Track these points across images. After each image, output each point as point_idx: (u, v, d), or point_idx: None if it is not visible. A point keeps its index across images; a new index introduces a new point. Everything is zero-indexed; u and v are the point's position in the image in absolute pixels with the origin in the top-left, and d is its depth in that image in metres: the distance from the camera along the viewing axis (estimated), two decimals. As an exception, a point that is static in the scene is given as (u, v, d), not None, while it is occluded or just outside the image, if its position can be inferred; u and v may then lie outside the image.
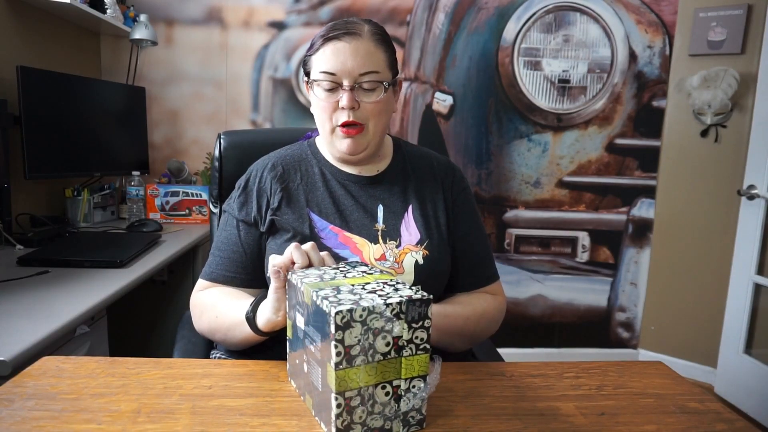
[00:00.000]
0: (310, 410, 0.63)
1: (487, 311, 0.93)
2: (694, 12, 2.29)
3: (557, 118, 2.44)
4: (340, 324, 0.54)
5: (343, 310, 0.54)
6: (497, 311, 0.95)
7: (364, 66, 0.85)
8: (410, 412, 0.59)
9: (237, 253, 0.91)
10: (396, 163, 0.98)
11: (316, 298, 0.58)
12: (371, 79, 0.86)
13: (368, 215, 0.92)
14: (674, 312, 2.48)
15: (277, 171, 0.94)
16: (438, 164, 1.00)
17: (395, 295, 0.59)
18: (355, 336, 0.55)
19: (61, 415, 0.60)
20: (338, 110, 0.87)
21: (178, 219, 2.11)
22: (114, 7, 2.05)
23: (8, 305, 1.07)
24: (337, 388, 0.55)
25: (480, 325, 0.91)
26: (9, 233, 1.59)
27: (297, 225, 0.89)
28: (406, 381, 0.59)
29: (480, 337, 0.94)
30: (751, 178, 2.17)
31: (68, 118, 1.87)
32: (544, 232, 2.51)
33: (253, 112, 2.37)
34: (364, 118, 0.87)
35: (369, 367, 0.56)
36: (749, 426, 0.63)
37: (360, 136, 0.88)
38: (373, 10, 2.34)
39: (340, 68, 0.85)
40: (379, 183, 0.95)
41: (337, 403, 0.55)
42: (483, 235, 1.00)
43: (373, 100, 0.87)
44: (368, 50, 0.86)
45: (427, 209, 0.94)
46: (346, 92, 0.85)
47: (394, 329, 0.57)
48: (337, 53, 0.85)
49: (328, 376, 0.56)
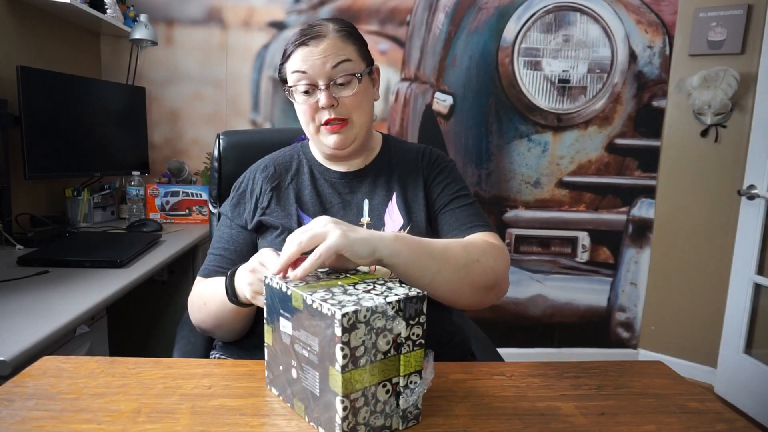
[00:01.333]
0: (301, 416, 0.62)
1: (474, 242, 0.84)
2: (694, 12, 2.29)
3: (557, 118, 2.44)
4: (346, 326, 0.53)
5: (349, 311, 0.53)
6: (488, 245, 0.84)
7: (334, 60, 0.87)
8: (408, 407, 0.60)
9: (232, 252, 0.94)
10: (382, 155, 1.00)
11: (312, 302, 0.57)
12: (344, 72, 0.88)
13: (354, 211, 0.94)
14: (674, 312, 2.48)
15: (269, 171, 0.98)
16: (418, 151, 1.02)
17: (391, 293, 0.59)
18: (360, 337, 0.55)
19: (61, 415, 0.60)
20: (319, 110, 0.89)
21: (178, 219, 2.11)
22: (114, 7, 2.05)
23: (8, 305, 1.07)
24: (344, 390, 0.54)
25: (471, 254, 0.79)
26: (9, 233, 1.59)
27: (285, 222, 0.92)
28: (404, 378, 0.59)
29: (477, 271, 0.78)
30: (751, 178, 2.17)
31: (68, 118, 1.86)
32: (544, 232, 2.51)
33: (253, 112, 2.37)
34: (346, 113, 0.90)
35: (372, 367, 0.56)
36: (749, 426, 0.63)
37: (346, 129, 0.90)
38: (373, 10, 2.34)
39: (311, 71, 0.87)
40: (366, 176, 0.97)
41: (343, 405, 0.55)
42: (468, 203, 0.96)
43: (350, 93, 0.89)
44: (336, 47, 0.88)
45: (409, 194, 0.95)
46: (322, 91, 0.87)
47: (395, 328, 0.57)
48: (306, 58, 0.87)
49: (330, 380, 0.55)
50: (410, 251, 0.71)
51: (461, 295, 0.79)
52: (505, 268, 0.84)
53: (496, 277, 0.81)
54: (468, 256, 0.78)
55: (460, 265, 0.76)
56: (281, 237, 0.90)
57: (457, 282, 0.77)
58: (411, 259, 0.71)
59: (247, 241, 0.95)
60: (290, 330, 0.61)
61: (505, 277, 0.84)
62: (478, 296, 0.81)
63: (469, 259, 0.78)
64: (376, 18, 2.34)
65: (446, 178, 0.98)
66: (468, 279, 0.78)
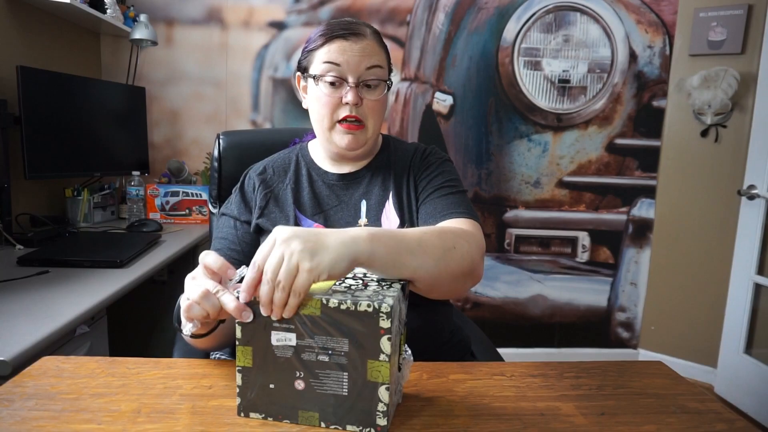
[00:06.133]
0: (313, 425, 0.60)
1: (447, 228, 0.80)
2: (694, 12, 2.29)
3: (557, 118, 2.44)
4: (390, 318, 0.57)
5: (389, 304, 0.56)
6: (461, 231, 0.80)
7: (369, 62, 0.88)
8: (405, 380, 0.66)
9: (233, 251, 0.93)
10: (380, 156, 1.00)
11: (338, 304, 0.57)
12: (376, 76, 0.89)
13: (352, 212, 0.94)
14: (674, 312, 2.48)
15: (267, 173, 0.99)
16: (415, 150, 1.00)
17: (381, 281, 0.65)
18: (395, 325, 0.58)
19: (61, 415, 0.60)
20: (341, 106, 0.89)
21: (178, 219, 2.11)
22: (114, 7, 2.05)
23: (8, 305, 1.07)
24: (390, 378, 0.58)
25: (446, 241, 0.74)
26: (9, 233, 1.59)
27: (282, 224, 0.91)
28: (404, 351, 0.65)
29: (454, 259, 0.74)
30: (751, 178, 2.17)
31: (68, 118, 1.86)
32: (544, 232, 2.51)
33: (253, 112, 2.37)
34: (365, 116, 0.90)
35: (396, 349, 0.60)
36: (749, 426, 0.63)
37: (360, 132, 0.91)
38: (373, 10, 2.34)
39: (345, 65, 0.87)
40: (363, 177, 0.97)
41: (389, 393, 0.58)
42: (450, 193, 0.92)
43: (376, 97, 0.90)
44: (373, 49, 0.90)
45: (403, 193, 0.95)
46: (351, 88, 0.88)
47: (402, 310, 0.63)
48: (343, 50, 0.88)
49: (371, 373, 0.58)
50: (387, 250, 0.66)
51: (440, 286, 0.75)
52: (479, 254, 0.80)
53: (472, 263, 0.77)
54: (443, 244, 0.74)
55: (438, 256, 0.72)
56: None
57: (437, 273, 0.72)
58: (389, 258, 0.67)
59: (254, 239, 0.94)
60: (295, 341, 0.59)
61: (479, 263, 0.80)
62: (456, 284, 0.77)
63: (445, 247, 0.73)
64: (376, 18, 2.34)
65: (433, 172, 0.96)
66: (447, 269, 0.73)
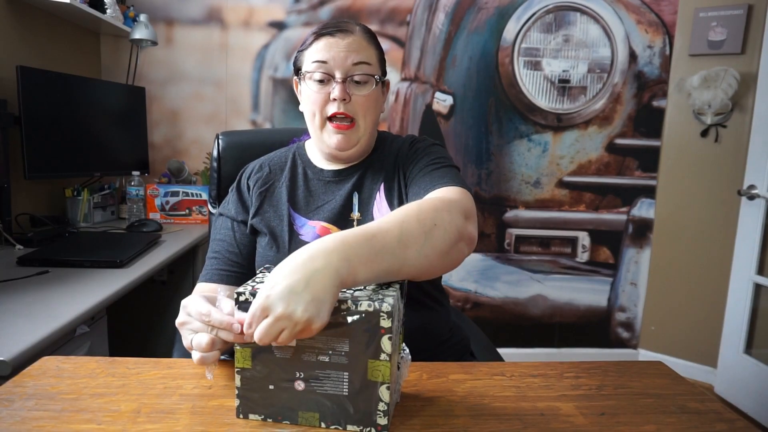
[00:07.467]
0: (313, 425, 0.60)
1: (424, 205, 0.73)
2: (694, 12, 2.29)
3: (557, 118, 2.44)
4: (390, 317, 0.57)
5: (389, 303, 0.57)
6: (439, 201, 0.75)
7: (356, 57, 0.88)
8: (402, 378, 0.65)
9: (232, 253, 0.93)
10: (375, 151, 0.99)
11: (336, 304, 0.57)
12: (363, 71, 0.89)
13: (345, 208, 0.93)
14: (674, 312, 2.48)
15: (263, 172, 0.99)
16: (405, 140, 0.99)
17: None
18: (396, 324, 0.59)
19: (61, 415, 0.60)
20: (329, 103, 0.89)
21: (178, 219, 2.11)
22: (114, 7, 2.05)
23: (8, 305, 1.07)
24: (390, 377, 0.58)
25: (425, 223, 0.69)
26: (9, 233, 1.59)
27: (276, 224, 0.92)
28: (402, 351, 0.65)
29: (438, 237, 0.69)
30: (751, 178, 2.17)
31: (68, 118, 1.86)
32: (544, 232, 2.51)
33: (253, 112, 2.37)
34: (354, 112, 0.89)
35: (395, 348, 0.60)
36: (749, 426, 0.63)
37: (351, 132, 0.90)
38: (373, 10, 2.34)
39: (332, 61, 0.87)
40: (356, 171, 0.95)
41: (389, 392, 0.58)
42: (435, 168, 0.89)
43: (365, 93, 0.89)
44: (360, 44, 0.89)
45: (394, 185, 0.94)
46: (338, 84, 0.87)
47: (401, 309, 0.62)
48: (330, 47, 0.88)
49: (372, 373, 0.58)
50: (367, 267, 0.61)
51: (432, 268, 0.70)
52: (465, 218, 0.74)
53: (458, 232, 0.72)
54: (423, 227, 0.68)
55: (420, 243, 0.67)
56: (272, 248, 0.90)
57: (425, 261, 0.68)
58: (372, 275, 0.62)
59: (248, 238, 0.95)
60: (294, 342, 0.59)
61: (467, 227, 0.74)
62: (448, 258, 0.72)
63: (426, 230, 0.68)
64: (376, 18, 2.34)
65: (419, 156, 0.92)
66: (434, 251, 0.68)
